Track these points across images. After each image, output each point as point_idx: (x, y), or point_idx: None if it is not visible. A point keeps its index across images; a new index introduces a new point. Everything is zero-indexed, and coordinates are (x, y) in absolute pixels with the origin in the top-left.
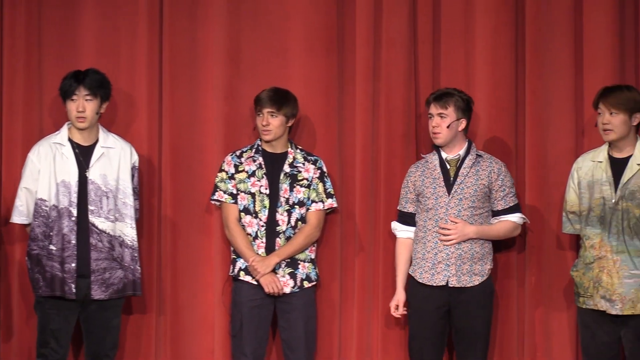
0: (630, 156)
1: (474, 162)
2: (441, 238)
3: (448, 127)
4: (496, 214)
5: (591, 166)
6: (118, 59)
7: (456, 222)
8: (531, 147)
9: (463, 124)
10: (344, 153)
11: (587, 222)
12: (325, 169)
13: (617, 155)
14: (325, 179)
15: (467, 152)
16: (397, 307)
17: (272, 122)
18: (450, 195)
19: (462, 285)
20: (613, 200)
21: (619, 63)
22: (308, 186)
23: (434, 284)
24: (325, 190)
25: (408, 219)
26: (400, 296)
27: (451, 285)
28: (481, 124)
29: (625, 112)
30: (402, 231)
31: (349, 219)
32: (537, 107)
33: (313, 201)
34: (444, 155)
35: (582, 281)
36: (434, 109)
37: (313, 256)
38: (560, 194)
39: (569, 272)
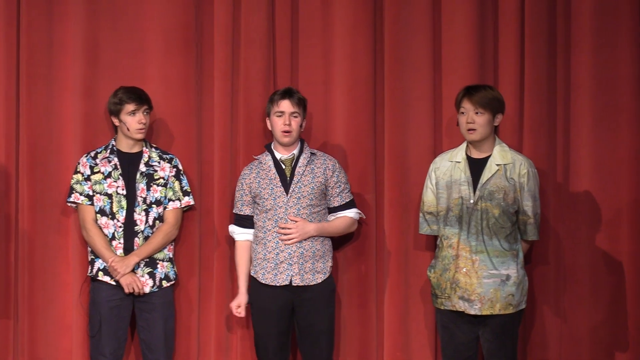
0: (488, 156)
1: (308, 161)
2: (282, 238)
3: (301, 126)
4: (333, 210)
5: (449, 166)
6: None
7: (296, 221)
8: (390, 147)
9: (304, 123)
10: (202, 152)
11: (445, 222)
12: (181, 167)
13: (476, 155)
14: (182, 177)
15: (301, 151)
16: (238, 306)
17: (147, 120)
18: (289, 195)
19: (306, 284)
20: (472, 201)
21: (478, 63)
22: (165, 185)
23: (277, 284)
24: (181, 188)
25: (245, 222)
26: (242, 298)
27: (295, 284)
28: (340, 123)
29: (490, 111)
30: (240, 234)
31: (208, 217)
32: (395, 106)
33: (170, 200)
34: (277, 155)
35: (440, 282)
36: (288, 107)
37: (171, 255)
38: (419, 193)
39: (426, 272)
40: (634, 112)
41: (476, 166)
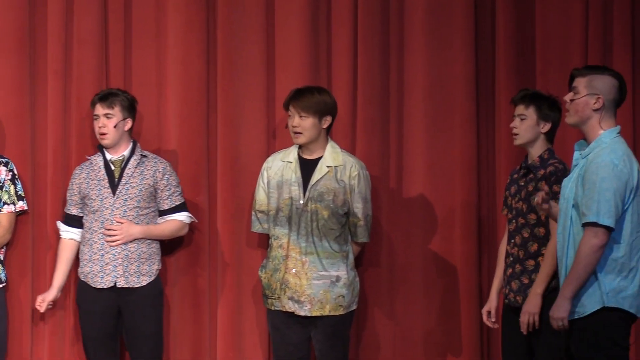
0: (320, 157)
1: (138, 162)
2: (107, 239)
3: (115, 127)
4: (163, 213)
5: (281, 166)
6: None
7: (121, 223)
8: (223, 148)
9: (129, 123)
10: (35, 154)
11: (275, 222)
12: (16, 171)
13: (307, 156)
14: (17, 182)
15: (132, 153)
16: (42, 301)
17: None
18: (115, 196)
19: (131, 286)
20: (301, 202)
21: (312, 63)
22: (0, 188)
23: (103, 286)
24: (16, 192)
25: (71, 221)
26: (48, 294)
27: (119, 286)
28: (172, 125)
29: (315, 115)
30: (64, 232)
31: (40, 220)
32: (228, 107)
33: (5, 203)
34: (108, 156)
35: (270, 283)
36: (100, 110)
37: (2, 258)
38: (252, 194)
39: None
40: (467, 113)
41: (307, 167)
